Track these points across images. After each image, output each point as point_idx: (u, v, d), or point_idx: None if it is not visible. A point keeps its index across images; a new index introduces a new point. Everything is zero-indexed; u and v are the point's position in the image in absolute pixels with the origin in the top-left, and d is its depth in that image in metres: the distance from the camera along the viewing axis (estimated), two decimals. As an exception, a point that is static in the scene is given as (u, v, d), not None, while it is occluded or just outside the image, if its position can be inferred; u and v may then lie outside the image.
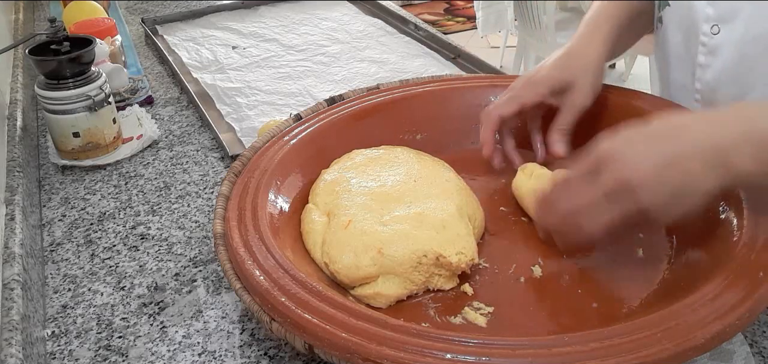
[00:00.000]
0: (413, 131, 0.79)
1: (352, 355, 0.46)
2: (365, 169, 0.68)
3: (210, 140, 0.95)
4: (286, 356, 0.57)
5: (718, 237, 0.57)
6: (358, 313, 0.48)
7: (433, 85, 0.82)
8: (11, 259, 0.61)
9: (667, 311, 0.46)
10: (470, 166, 0.75)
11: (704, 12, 0.67)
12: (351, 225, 0.60)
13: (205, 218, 0.77)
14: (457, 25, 4.15)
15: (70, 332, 0.60)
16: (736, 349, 0.52)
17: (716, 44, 0.67)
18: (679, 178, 0.49)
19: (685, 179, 0.49)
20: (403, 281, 0.58)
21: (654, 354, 0.43)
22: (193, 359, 0.57)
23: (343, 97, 0.80)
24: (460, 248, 0.58)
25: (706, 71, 0.69)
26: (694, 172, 0.49)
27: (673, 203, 0.50)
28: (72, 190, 0.84)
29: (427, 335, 0.46)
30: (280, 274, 0.52)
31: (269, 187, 0.64)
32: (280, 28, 1.38)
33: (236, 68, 1.19)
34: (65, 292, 0.66)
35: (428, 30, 1.30)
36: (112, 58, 1.07)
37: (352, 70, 1.18)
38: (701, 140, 0.50)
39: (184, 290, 0.65)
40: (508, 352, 0.44)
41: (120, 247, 0.72)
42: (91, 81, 0.85)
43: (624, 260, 0.62)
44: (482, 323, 0.56)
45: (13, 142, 0.83)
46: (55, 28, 0.84)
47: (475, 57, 1.16)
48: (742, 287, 0.48)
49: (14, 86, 1.02)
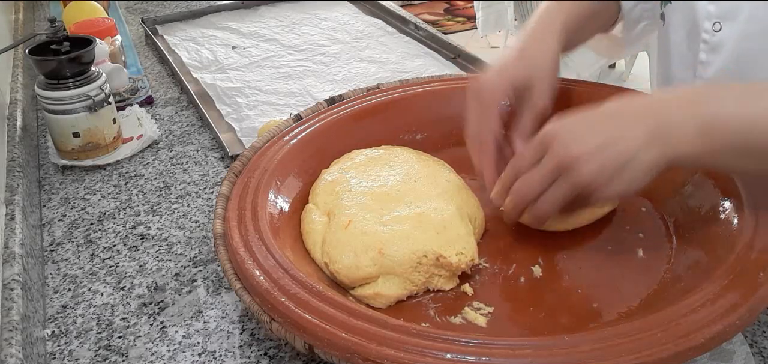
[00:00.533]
0: (413, 131, 0.79)
1: (352, 355, 0.46)
2: (365, 169, 0.68)
3: (210, 140, 0.95)
4: (286, 356, 0.57)
5: (718, 237, 0.57)
6: (358, 313, 0.48)
7: (433, 85, 0.82)
8: (11, 259, 0.61)
9: (667, 311, 0.46)
10: (470, 167, 0.75)
11: (706, 10, 0.67)
12: (351, 225, 0.60)
13: (205, 218, 0.77)
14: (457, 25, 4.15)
15: (70, 332, 0.60)
16: (736, 349, 0.52)
17: (718, 42, 0.67)
18: (619, 151, 0.52)
19: (625, 152, 0.52)
20: (403, 282, 0.58)
21: (654, 354, 0.43)
22: (193, 359, 0.57)
23: (343, 97, 0.80)
24: (460, 249, 0.58)
25: (707, 69, 0.70)
26: (634, 145, 0.52)
27: (616, 177, 0.52)
28: (72, 190, 0.84)
29: (427, 335, 0.46)
30: (280, 274, 0.52)
31: (269, 187, 0.64)
32: (280, 28, 1.38)
33: (236, 68, 1.19)
34: (65, 292, 0.66)
35: (428, 30, 1.30)
36: (112, 58, 1.07)
37: (352, 70, 1.18)
38: (643, 115, 0.53)
39: (184, 290, 0.65)
40: (508, 352, 0.44)
41: (120, 247, 0.72)
42: (91, 81, 0.85)
43: (624, 260, 0.62)
44: (482, 323, 0.56)
45: (13, 142, 0.83)
46: (55, 28, 0.84)
47: (475, 57, 1.16)
48: (742, 287, 0.48)
49: (14, 86, 1.02)
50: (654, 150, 0.52)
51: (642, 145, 0.52)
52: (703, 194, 0.63)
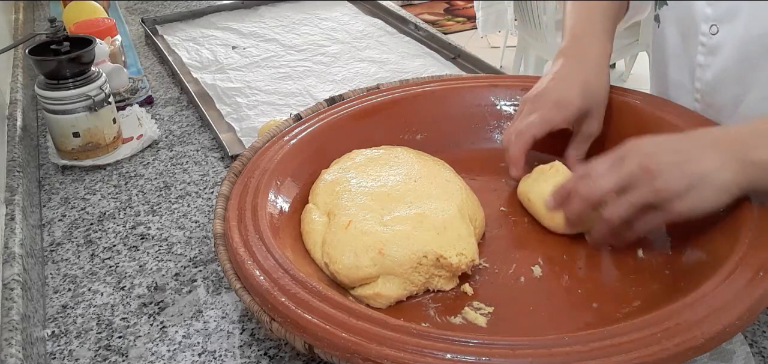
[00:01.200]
0: (413, 131, 0.79)
1: (352, 355, 0.46)
2: (365, 169, 0.68)
3: (210, 140, 0.95)
4: (286, 356, 0.57)
5: (718, 237, 0.57)
6: (358, 313, 0.48)
7: (433, 85, 0.82)
8: (11, 259, 0.61)
9: (667, 311, 0.46)
10: (470, 166, 0.75)
11: (703, 12, 0.67)
12: (351, 225, 0.60)
13: (205, 218, 0.77)
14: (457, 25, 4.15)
15: (70, 332, 0.60)
16: (736, 349, 0.52)
17: (715, 44, 0.67)
18: (694, 169, 0.52)
19: (700, 171, 0.52)
20: (403, 282, 0.58)
21: (654, 354, 0.43)
22: (193, 359, 0.57)
23: (343, 97, 0.80)
24: (460, 249, 0.58)
25: (705, 71, 0.69)
26: (710, 166, 0.52)
27: (690, 194, 0.53)
28: (72, 190, 0.84)
29: (427, 335, 0.46)
30: (280, 274, 0.52)
31: (269, 187, 0.64)
32: (280, 28, 1.38)
33: (236, 68, 1.19)
34: (65, 292, 0.66)
35: (428, 30, 1.30)
36: (112, 58, 1.07)
37: (352, 70, 1.18)
38: (719, 136, 0.55)
39: (184, 290, 0.65)
40: (508, 352, 0.44)
41: (120, 247, 0.72)
42: (91, 81, 0.85)
43: (624, 260, 0.62)
44: (482, 323, 0.56)
45: (13, 142, 0.83)
46: (55, 28, 0.84)
47: (475, 57, 1.16)
48: (742, 288, 0.48)
49: (14, 86, 1.02)
50: (729, 173, 0.53)
51: (718, 166, 0.53)
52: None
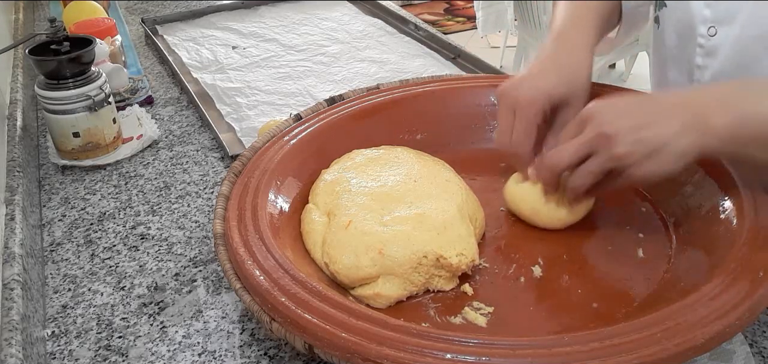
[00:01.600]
0: (413, 131, 0.79)
1: (352, 355, 0.46)
2: (365, 169, 0.68)
3: (210, 140, 0.95)
4: (286, 356, 0.57)
5: (718, 237, 0.57)
6: (358, 313, 0.48)
7: (433, 85, 0.82)
8: (11, 259, 0.61)
9: (667, 311, 0.46)
10: (470, 166, 0.75)
11: (701, 13, 0.67)
12: (351, 225, 0.60)
13: (205, 218, 0.77)
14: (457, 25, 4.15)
15: (70, 332, 0.60)
16: (736, 349, 0.52)
17: (714, 46, 0.67)
18: (655, 133, 0.54)
19: (660, 135, 0.54)
20: (403, 282, 0.58)
21: (654, 354, 0.43)
22: (193, 359, 0.57)
23: (343, 97, 0.80)
24: (460, 250, 0.58)
25: (704, 73, 0.69)
26: (670, 131, 0.54)
27: (650, 158, 0.54)
28: (72, 190, 0.84)
29: (427, 335, 0.46)
30: (280, 274, 0.52)
31: (269, 187, 0.64)
32: (280, 28, 1.38)
33: (236, 68, 1.19)
34: (65, 292, 0.66)
35: (428, 30, 1.30)
36: (112, 58, 1.07)
37: (352, 70, 1.18)
38: (680, 106, 0.55)
39: (184, 290, 0.65)
40: (508, 352, 0.44)
41: (120, 247, 0.72)
42: (91, 81, 0.85)
43: (624, 260, 0.62)
44: (482, 323, 0.56)
45: (13, 142, 0.83)
46: (55, 28, 0.84)
47: (475, 57, 1.16)
48: (742, 287, 0.48)
49: (14, 86, 1.02)
50: (688, 138, 0.54)
51: (678, 131, 0.54)
52: (703, 194, 0.63)
